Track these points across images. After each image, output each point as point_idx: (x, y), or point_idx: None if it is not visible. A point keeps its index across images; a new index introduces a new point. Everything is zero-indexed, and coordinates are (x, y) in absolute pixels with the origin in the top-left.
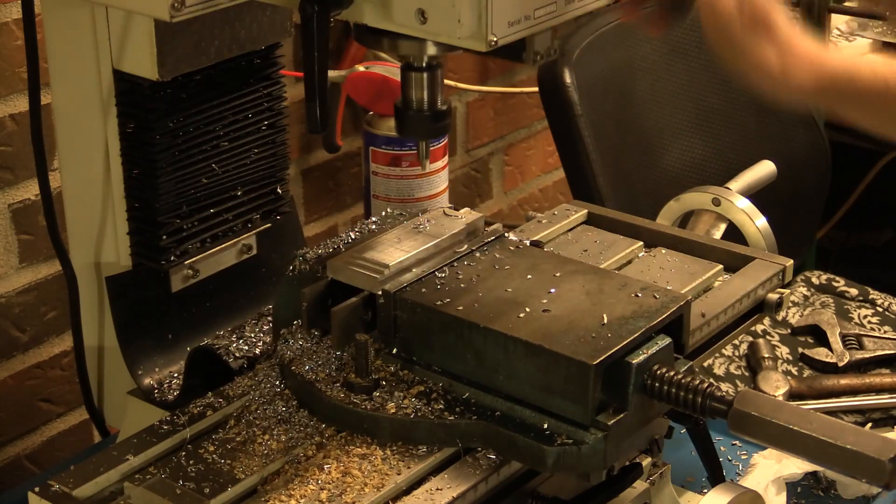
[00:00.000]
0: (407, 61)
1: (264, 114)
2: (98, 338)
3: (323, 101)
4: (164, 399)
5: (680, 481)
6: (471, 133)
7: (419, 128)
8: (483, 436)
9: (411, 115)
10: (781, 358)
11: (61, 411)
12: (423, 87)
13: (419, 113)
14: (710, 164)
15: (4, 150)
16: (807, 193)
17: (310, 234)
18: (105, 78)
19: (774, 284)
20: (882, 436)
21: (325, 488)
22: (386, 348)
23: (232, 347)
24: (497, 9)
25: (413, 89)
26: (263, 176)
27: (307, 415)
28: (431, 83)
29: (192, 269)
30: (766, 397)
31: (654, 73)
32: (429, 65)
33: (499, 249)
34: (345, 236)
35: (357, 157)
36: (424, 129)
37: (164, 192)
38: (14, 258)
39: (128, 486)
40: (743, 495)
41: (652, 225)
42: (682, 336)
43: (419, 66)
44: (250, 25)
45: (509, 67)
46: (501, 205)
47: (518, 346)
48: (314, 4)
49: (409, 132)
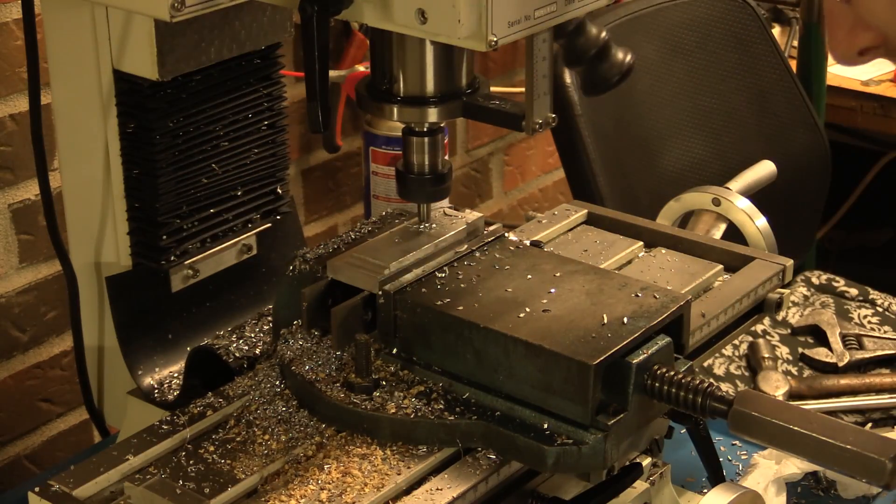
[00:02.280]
0: (408, 126)
1: (264, 114)
2: (98, 338)
3: (324, 101)
4: (164, 399)
5: (680, 481)
6: (471, 133)
7: (420, 191)
8: (483, 436)
9: (413, 179)
10: (781, 358)
11: (61, 411)
12: (424, 151)
13: (420, 177)
14: (710, 164)
15: (4, 150)
16: (807, 193)
17: (310, 234)
18: (105, 78)
19: (774, 284)
20: (882, 436)
21: (325, 488)
22: (386, 348)
23: (232, 347)
24: (497, 9)
25: (414, 154)
26: (263, 176)
27: (307, 415)
28: (433, 147)
29: (192, 269)
30: (766, 397)
31: (654, 73)
32: (430, 129)
33: (499, 249)
34: (345, 236)
35: (357, 157)
36: (426, 193)
37: (164, 192)
38: (14, 258)
39: (128, 486)
40: (743, 495)
41: (652, 225)
42: (682, 336)
43: (420, 130)
44: (250, 25)
45: (509, 67)
46: (501, 205)
47: (518, 346)
48: (314, 4)
49: (411, 196)
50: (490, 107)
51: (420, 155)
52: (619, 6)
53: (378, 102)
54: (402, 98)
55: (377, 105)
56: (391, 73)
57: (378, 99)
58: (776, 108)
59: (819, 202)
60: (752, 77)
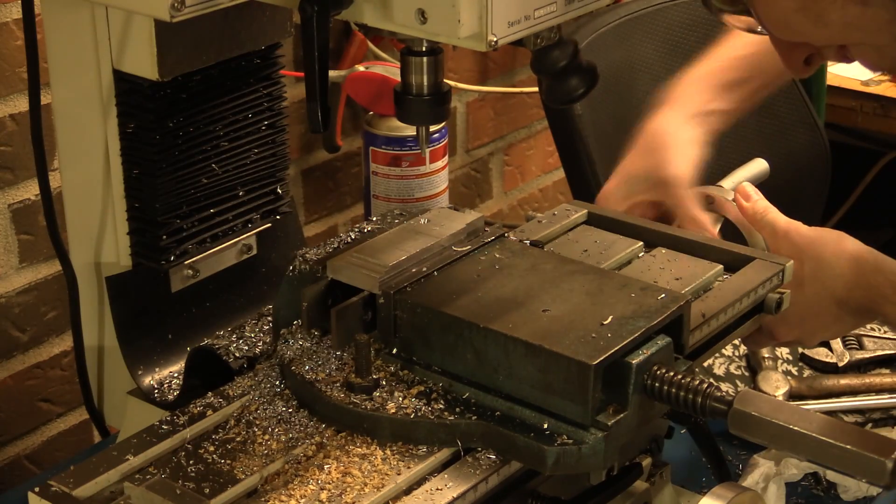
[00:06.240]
0: (407, 45)
1: (264, 114)
2: (98, 338)
3: (324, 100)
4: (164, 399)
5: (680, 481)
6: (471, 133)
7: (419, 113)
8: (483, 436)
9: (411, 100)
10: (781, 358)
11: (61, 411)
12: (423, 71)
13: (419, 98)
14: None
15: (4, 150)
16: (807, 193)
17: (310, 234)
18: (105, 78)
19: (774, 284)
20: (882, 436)
21: (325, 488)
22: (386, 348)
23: (232, 347)
24: (497, 9)
25: (413, 74)
26: (263, 176)
27: (307, 415)
28: (432, 67)
29: (192, 269)
30: (766, 397)
31: (654, 73)
32: (430, 49)
33: (499, 249)
34: (345, 236)
35: (357, 157)
36: (425, 115)
37: (164, 192)
38: (14, 258)
39: (128, 486)
40: (743, 495)
41: (652, 225)
42: (682, 336)
43: (419, 50)
44: (250, 25)
45: (509, 67)
46: (501, 205)
47: (518, 346)
48: (314, 4)
49: (409, 117)
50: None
51: (419, 75)
52: (619, 6)
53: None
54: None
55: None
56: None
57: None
58: (776, 108)
59: (819, 202)
60: None
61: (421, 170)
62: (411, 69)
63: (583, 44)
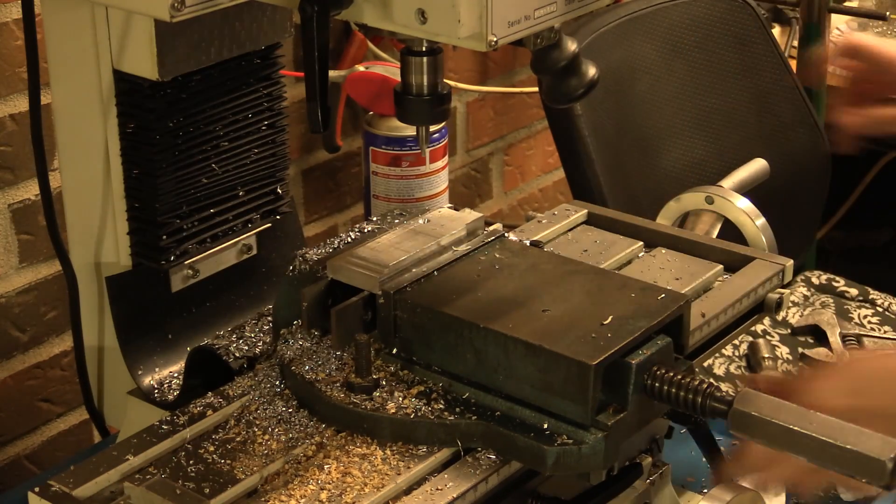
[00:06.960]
0: (407, 45)
1: (264, 114)
2: (98, 338)
3: (324, 100)
4: (164, 399)
5: (680, 481)
6: (471, 133)
7: (419, 113)
8: (483, 436)
9: (411, 100)
10: (781, 358)
11: (61, 411)
12: (423, 71)
13: (419, 98)
14: (710, 164)
15: (4, 150)
16: (807, 193)
17: (310, 234)
18: (105, 78)
19: (774, 284)
20: (882, 436)
21: (325, 488)
22: (386, 348)
23: (232, 347)
24: (497, 9)
25: (413, 74)
26: (263, 176)
27: (307, 415)
28: (432, 67)
29: (192, 269)
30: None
31: (654, 73)
32: (429, 49)
33: (499, 249)
34: (345, 236)
35: (357, 157)
36: (424, 115)
37: (164, 192)
38: (14, 258)
39: (128, 486)
40: (743, 495)
41: (652, 225)
42: (682, 336)
43: (419, 50)
44: (250, 25)
45: (509, 67)
46: (501, 205)
47: (518, 346)
48: (314, 4)
49: (409, 118)
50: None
51: (419, 75)
52: (619, 6)
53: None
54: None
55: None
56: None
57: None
58: (776, 108)
59: (819, 202)
60: (752, 77)
61: (421, 170)
62: (411, 69)
63: (583, 44)
